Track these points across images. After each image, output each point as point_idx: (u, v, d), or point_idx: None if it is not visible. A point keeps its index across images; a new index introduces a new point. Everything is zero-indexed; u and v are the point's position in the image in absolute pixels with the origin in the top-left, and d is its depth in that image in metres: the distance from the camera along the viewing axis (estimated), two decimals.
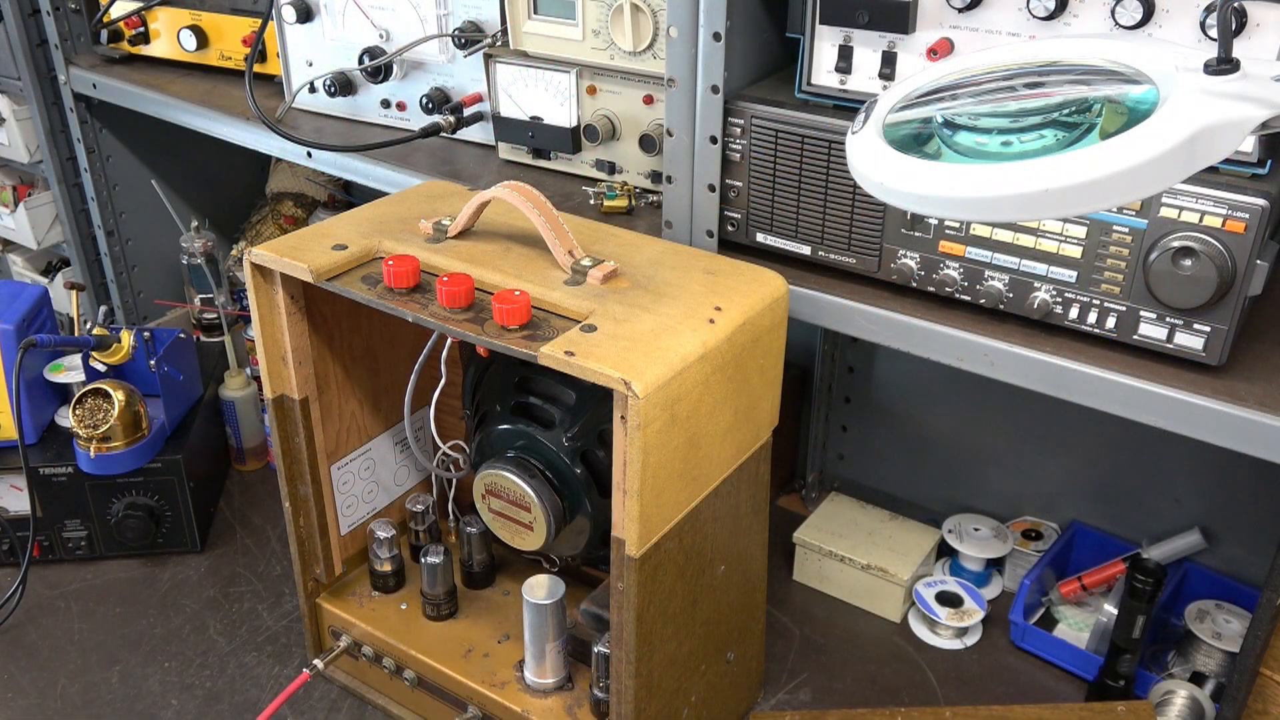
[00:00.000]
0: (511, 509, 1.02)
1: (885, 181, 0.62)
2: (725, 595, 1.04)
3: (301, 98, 1.39)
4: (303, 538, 1.17)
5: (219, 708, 1.19)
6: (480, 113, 1.26)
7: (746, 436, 0.98)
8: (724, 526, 0.99)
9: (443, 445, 1.16)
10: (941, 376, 1.33)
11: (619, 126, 1.16)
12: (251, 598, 1.35)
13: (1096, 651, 1.20)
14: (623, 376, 0.80)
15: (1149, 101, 0.57)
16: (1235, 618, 1.19)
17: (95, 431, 1.29)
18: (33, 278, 1.95)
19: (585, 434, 1.01)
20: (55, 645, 1.28)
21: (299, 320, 1.07)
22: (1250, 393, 0.81)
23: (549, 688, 1.09)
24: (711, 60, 0.95)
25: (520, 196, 0.96)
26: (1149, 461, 1.27)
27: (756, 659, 1.16)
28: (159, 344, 1.38)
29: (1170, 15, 0.78)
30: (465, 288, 0.91)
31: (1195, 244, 0.79)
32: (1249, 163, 0.78)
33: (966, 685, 1.22)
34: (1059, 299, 0.87)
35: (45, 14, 1.56)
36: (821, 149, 0.94)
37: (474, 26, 1.23)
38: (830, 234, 0.98)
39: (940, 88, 0.68)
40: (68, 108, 1.63)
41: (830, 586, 1.35)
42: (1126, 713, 1.04)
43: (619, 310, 0.90)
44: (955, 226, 0.90)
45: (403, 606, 1.20)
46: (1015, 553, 1.34)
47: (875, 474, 1.48)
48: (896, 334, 0.94)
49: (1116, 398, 0.85)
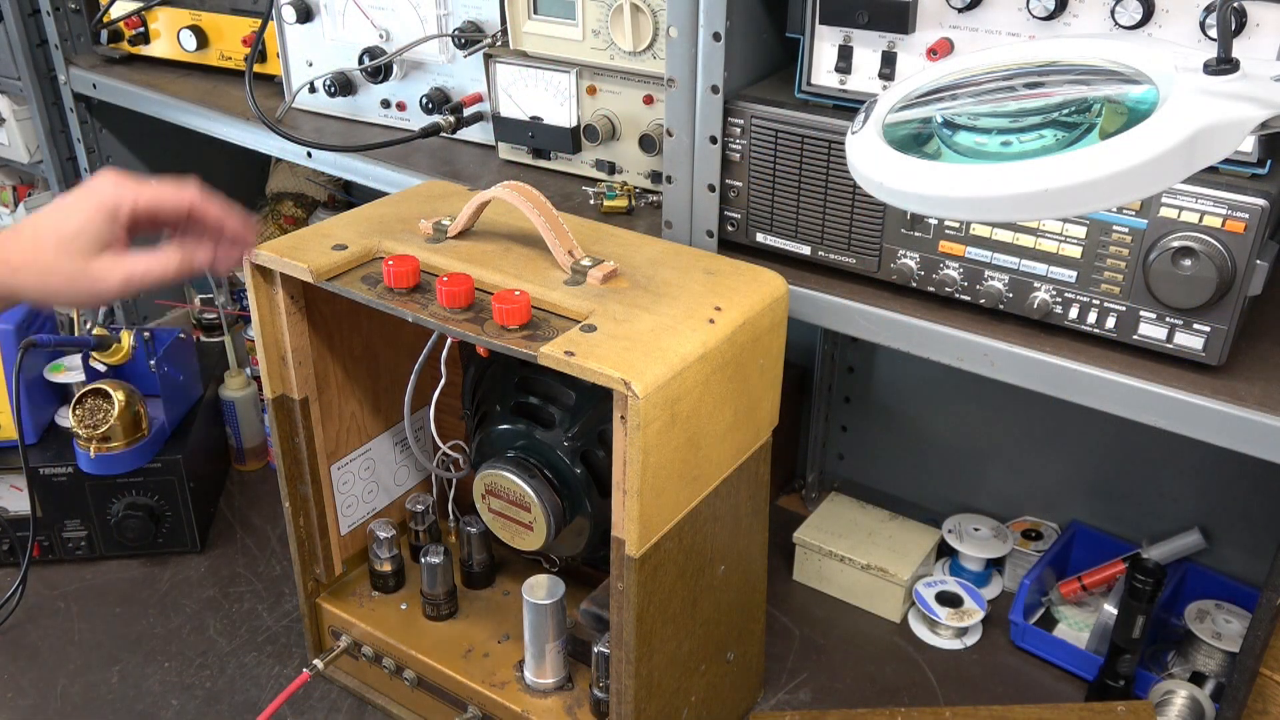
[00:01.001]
0: (511, 509, 1.02)
1: (885, 181, 0.61)
2: (725, 595, 1.04)
3: (301, 98, 1.39)
4: (303, 538, 1.17)
5: (219, 708, 1.19)
6: (480, 113, 1.26)
7: (746, 436, 0.98)
8: (724, 526, 0.99)
9: (443, 445, 1.16)
10: (941, 376, 1.33)
11: (619, 126, 1.16)
12: (251, 598, 1.35)
13: (1096, 651, 1.20)
14: (622, 376, 0.80)
15: (1149, 101, 0.57)
16: (1235, 618, 1.19)
17: (95, 431, 1.29)
18: None
19: (585, 434, 1.01)
20: (55, 645, 1.28)
21: (299, 320, 1.07)
22: (1250, 393, 0.81)
23: (549, 688, 1.09)
24: (711, 60, 0.95)
25: (520, 196, 0.96)
26: (1149, 461, 1.27)
27: (756, 659, 1.16)
28: (159, 344, 1.38)
29: (1170, 15, 0.78)
30: (465, 288, 0.91)
31: (1195, 244, 0.79)
32: (1249, 163, 0.78)
33: (966, 685, 1.22)
34: (1059, 299, 0.87)
35: (45, 14, 1.56)
36: (821, 149, 0.94)
37: (474, 26, 1.23)
38: (830, 234, 0.98)
39: (940, 88, 0.68)
40: (68, 108, 1.63)
41: (830, 586, 1.35)
42: (1126, 713, 1.04)
43: (619, 310, 0.90)
44: (955, 226, 0.90)
45: (403, 606, 1.20)
46: (1015, 553, 1.34)
47: (875, 474, 1.48)
48: (896, 334, 0.94)
49: (1116, 398, 0.85)
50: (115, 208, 0.81)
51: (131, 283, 0.82)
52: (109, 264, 0.81)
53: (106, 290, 0.81)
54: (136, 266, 0.82)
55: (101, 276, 0.81)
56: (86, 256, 0.80)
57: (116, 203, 0.81)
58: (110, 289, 0.81)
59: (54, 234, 0.80)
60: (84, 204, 0.81)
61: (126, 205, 0.82)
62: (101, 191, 0.82)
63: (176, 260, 0.84)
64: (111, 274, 0.81)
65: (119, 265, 0.81)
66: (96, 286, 0.81)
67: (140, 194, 0.83)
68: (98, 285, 0.81)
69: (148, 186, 0.84)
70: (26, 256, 0.80)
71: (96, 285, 0.81)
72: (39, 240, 0.80)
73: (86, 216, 0.81)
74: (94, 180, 0.83)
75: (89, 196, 0.82)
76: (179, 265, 0.84)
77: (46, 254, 0.80)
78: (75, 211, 0.81)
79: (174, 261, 0.84)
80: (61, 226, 0.80)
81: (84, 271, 0.80)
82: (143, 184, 0.83)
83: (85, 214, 0.81)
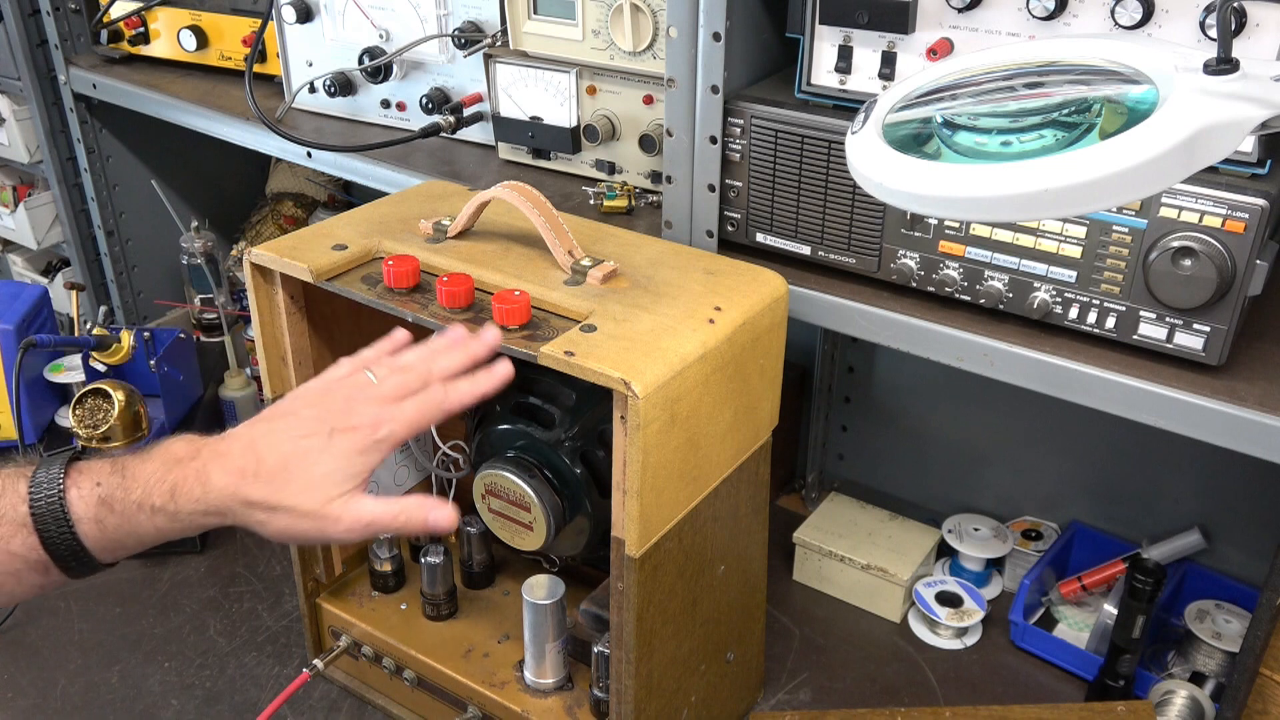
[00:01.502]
0: (511, 509, 1.02)
1: (885, 181, 0.61)
2: (725, 595, 1.04)
3: (301, 98, 1.39)
4: None
5: (219, 708, 1.19)
6: (480, 113, 1.26)
7: (746, 436, 0.98)
8: (724, 526, 0.99)
9: (443, 445, 1.16)
10: (941, 376, 1.33)
11: (619, 126, 1.16)
12: (251, 598, 1.35)
13: (1096, 651, 1.20)
14: (622, 376, 0.80)
15: (1149, 101, 0.57)
16: (1235, 618, 1.19)
17: (95, 431, 1.29)
18: (33, 278, 1.95)
19: (585, 434, 1.01)
20: (55, 645, 1.28)
21: (299, 320, 1.07)
22: (1250, 393, 0.81)
23: (549, 688, 1.09)
24: (711, 60, 0.95)
25: (520, 196, 0.96)
26: (1149, 461, 1.27)
27: (756, 659, 1.16)
28: (159, 344, 1.38)
29: (1170, 15, 0.78)
30: (465, 288, 0.92)
31: (1195, 244, 0.79)
32: (1249, 163, 0.78)
33: (966, 685, 1.22)
34: (1059, 299, 0.87)
35: (45, 14, 1.56)
36: (821, 149, 0.94)
37: (474, 26, 1.23)
38: (830, 234, 0.98)
39: (940, 88, 0.68)
40: (68, 108, 1.63)
41: (830, 586, 1.35)
42: (1126, 713, 1.04)
43: (619, 310, 0.90)
44: (955, 226, 0.90)
45: (403, 606, 1.20)
46: (1015, 553, 1.34)
47: (875, 474, 1.48)
48: (896, 334, 0.94)
49: (1116, 398, 0.85)
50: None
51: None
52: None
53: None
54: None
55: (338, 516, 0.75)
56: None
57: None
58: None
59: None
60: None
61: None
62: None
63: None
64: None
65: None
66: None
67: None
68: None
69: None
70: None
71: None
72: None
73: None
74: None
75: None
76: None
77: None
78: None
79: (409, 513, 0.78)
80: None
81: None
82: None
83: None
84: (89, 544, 0.74)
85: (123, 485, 0.74)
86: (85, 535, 0.74)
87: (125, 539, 0.75)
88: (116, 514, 0.74)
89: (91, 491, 0.74)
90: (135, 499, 0.74)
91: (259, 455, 0.75)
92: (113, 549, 0.75)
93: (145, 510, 0.74)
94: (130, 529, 0.74)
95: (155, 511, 0.74)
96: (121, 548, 0.76)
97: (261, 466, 0.74)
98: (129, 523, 0.74)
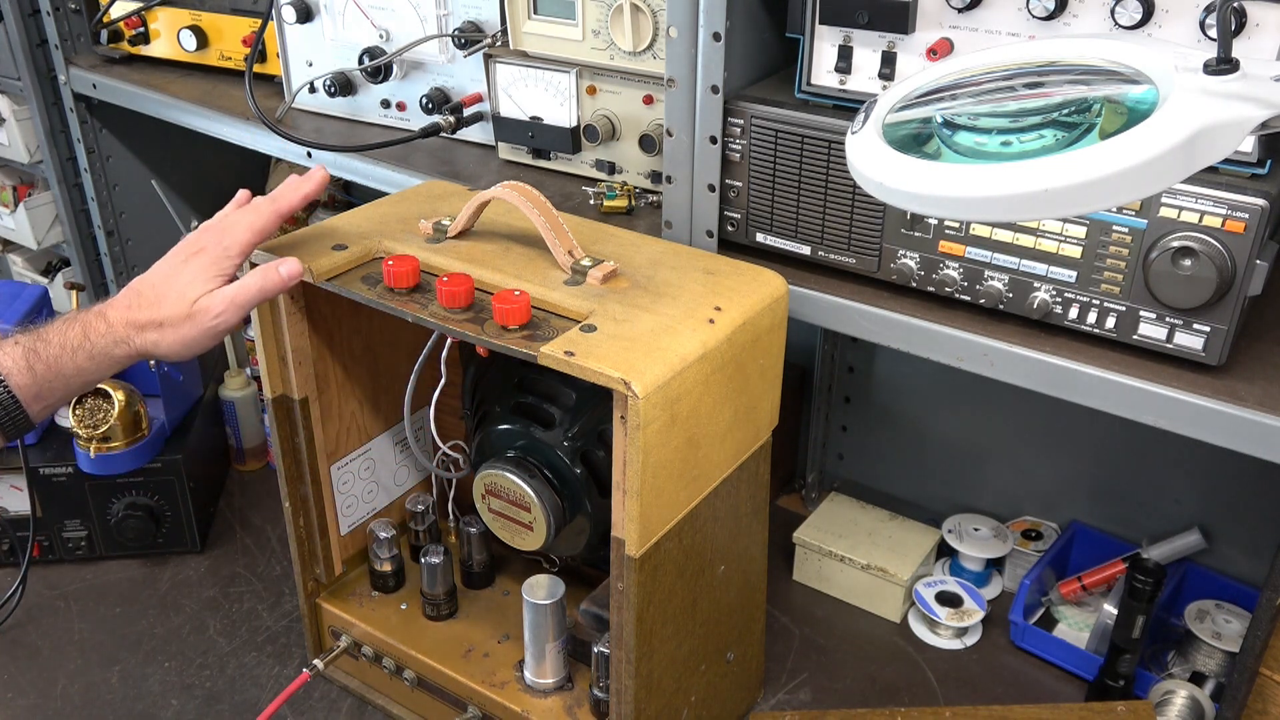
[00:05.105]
0: (511, 509, 1.02)
1: (885, 181, 0.62)
2: (725, 595, 1.04)
3: (301, 98, 1.39)
4: (303, 538, 1.17)
5: (219, 708, 1.19)
6: (480, 113, 1.26)
7: (746, 436, 0.98)
8: (724, 526, 0.99)
9: (443, 445, 1.16)
10: (941, 376, 1.33)
11: (619, 126, 1.16)
12: (251, 598, 1.35)
13: (1096, 651, 1.20)
14: (622, 376, 0.80)
15: (1148, 101, 0.57)
16: (1235, 618, 1.19)
17: (95, 431, 1.29)
18: (33, 278, 1.95)
19: (585, 434, 1.01)
20: (55, 645, 1.28)
21: (299, 320, 1.07)
22: (1250, 393, 0.81)
23: (549, 688, 1.09)
24: (711, 60, 0.95)
25: (520, 196, 0.96)
26: (1149, 461, 1.27)
27: (756, 659, 1.16)
28: None
29: (1170, 15, 0.78)
30: (465, 288, 0.91)
31: (1195, 244, 0.79)
32: (1249, 163, 0.78)
33: (966, 685, 1.22)
34: (1059, 299, 0.87)
35: (45, 14, 1.56)
36: (821, 149, 0.94)
37: (474, 26, 1.23)
38: (830, 234, 0.98)
39: (940, 88, 0.68)
40: (68, 108, 1.63)
41: (830, 586, 1.35)
42: (1126, 713, 1.04)
43: (619, 310, 0.90)
44: (955, 226, 0.90)
45: (403, 606, 1.20)
46: (1015, 553, 1.34)
47: (875, 474, 1.48)
48: (896, 334, 0.94)
49: (1116, 398, 0.85)
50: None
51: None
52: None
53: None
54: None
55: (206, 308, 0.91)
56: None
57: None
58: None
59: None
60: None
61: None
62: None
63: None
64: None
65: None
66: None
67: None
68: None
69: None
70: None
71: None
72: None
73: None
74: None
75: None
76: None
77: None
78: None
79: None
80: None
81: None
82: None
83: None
84: (21, 396, 0.89)
85: (40, 338, 0.91)
86: (18, 388, 0.89)
87: (53, 381, 0.90)
88: (42, 360, 0.90)
89: (14, 348, 0.90)
90: (55, 347, 0.90)
91: (138, 290, 0.93)
92: (42, 396, 0.91)
93: (67, 351, 0.90)
94: (55, 371, 0.90)
95: (75, 351, 0.90)
96: (50, 393, 0.91)
97: (142, 298, 0.92)
98: (53, 368, 0.90)
